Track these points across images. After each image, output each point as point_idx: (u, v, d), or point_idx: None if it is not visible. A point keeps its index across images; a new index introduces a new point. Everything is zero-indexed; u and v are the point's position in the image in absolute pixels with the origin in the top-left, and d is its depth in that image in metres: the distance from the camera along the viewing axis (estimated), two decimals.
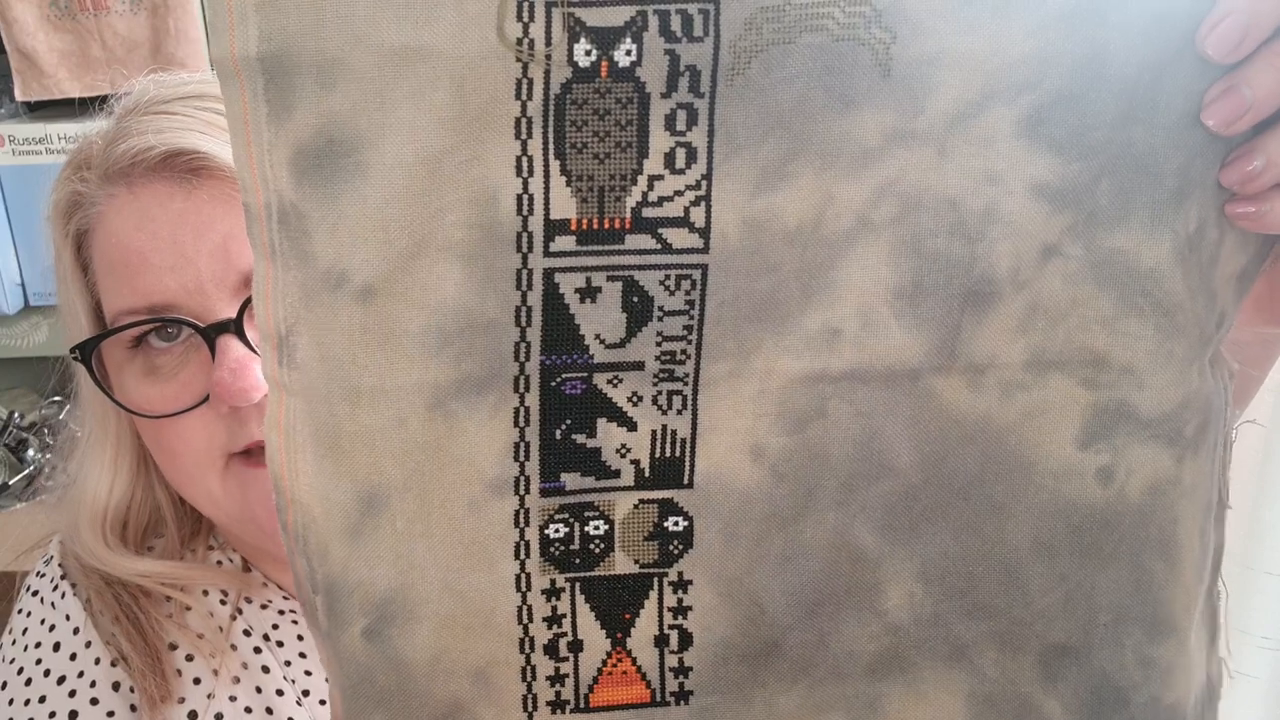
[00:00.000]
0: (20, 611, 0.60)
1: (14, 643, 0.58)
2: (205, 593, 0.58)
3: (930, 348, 0.36)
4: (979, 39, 0.33)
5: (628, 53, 0.32)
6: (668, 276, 0.35)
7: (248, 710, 0.55)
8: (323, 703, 0.57)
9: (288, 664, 0.57)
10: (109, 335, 0.54)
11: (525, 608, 0.38)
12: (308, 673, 0.58)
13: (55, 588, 0.59)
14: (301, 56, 0.32)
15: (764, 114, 0.34)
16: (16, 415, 1.42)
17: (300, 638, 0.58)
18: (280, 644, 0.58)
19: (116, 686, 0.55)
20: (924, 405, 0.37)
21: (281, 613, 0.59)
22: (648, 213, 0.34)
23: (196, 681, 0.55)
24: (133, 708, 0.54)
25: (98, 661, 0.55)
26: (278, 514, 0.36)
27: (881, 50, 0.33)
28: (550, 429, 0.36)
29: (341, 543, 0.37)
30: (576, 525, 0.38)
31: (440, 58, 0.32)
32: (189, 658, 0.56)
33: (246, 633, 0.57)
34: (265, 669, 0.56)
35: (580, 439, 0.37)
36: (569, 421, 0.37)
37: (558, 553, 0.38)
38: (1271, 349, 0.46)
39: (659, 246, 0.35)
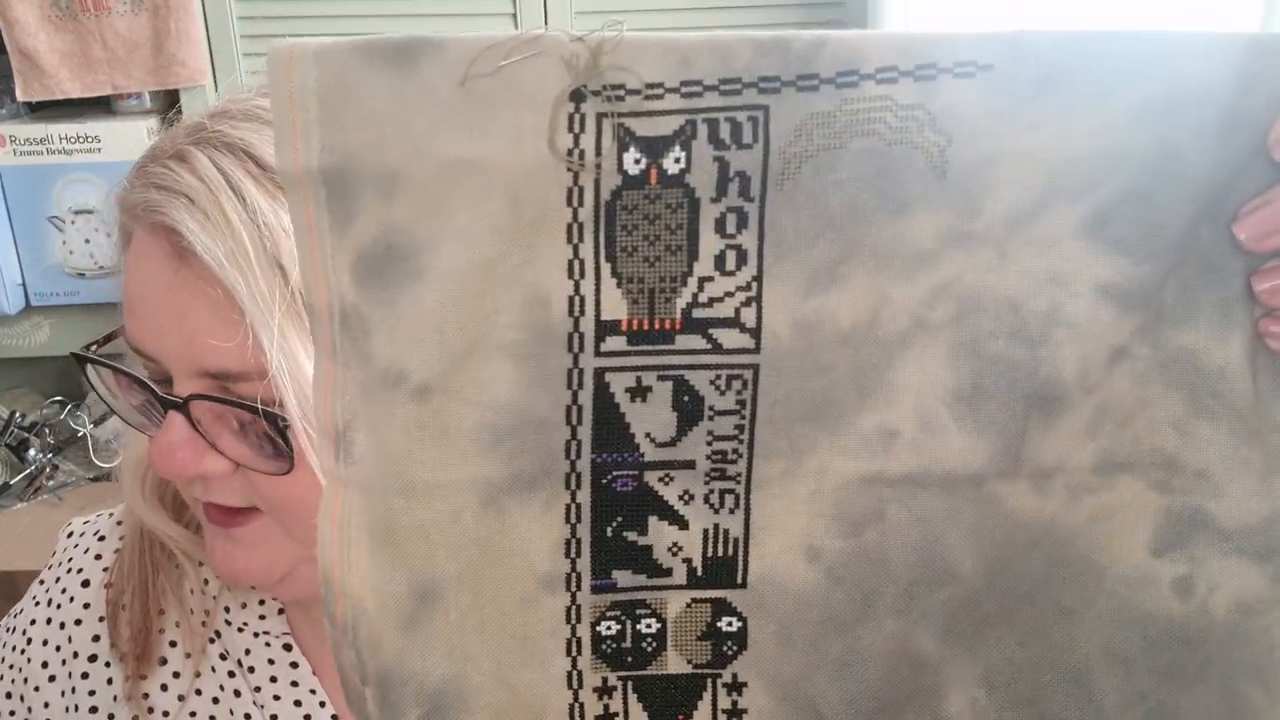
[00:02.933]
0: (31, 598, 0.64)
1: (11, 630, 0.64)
2: (206, 581, 0.61)
3: (993, 452, 0.35)
4: (1040, 138, 0.32)
5: (676, 160, 0.32)
6: (718, 376, 0.35)
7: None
8: None
9: (257, 689, 0.59)
10: (90, 361, 0.56)
11: (578, 705, 0.38)
12: (276, 697, 0.59)
13: (68, 570, 0.63)
14: (362, 169, 0.33)
15: (815, 217, 0.33)
16: (18, 415, 1.44)
17: (271, 661, 0.60)
18: (251, 669, 0.60)
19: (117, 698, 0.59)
20: (987, 511, 0.36)
21: (256, 635, 0.60)
22: (698, 313, 0.34)
23: (176, 676, 0.59)
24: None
25: (96, 640, 0.61)
26: (325, 606, 0.37)
27: (936, 154, 0.32)
28: (602, 526, 0.36)
29: (396, 634, 0.37)
30: (629, 623, 0.38)
31: (495, 169, 0.33)
32: (173, 643, 0.60)
33: (223, 656, 0.59)
34: (237, 693, 0.59)
35: (632, 536, 0.37)
36: (620, 519, 0.36)
37: (610, 650, 0.38)
38: None
39: (710, 347, 0.35)
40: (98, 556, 0.64)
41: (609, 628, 0.38)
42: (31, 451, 1.43)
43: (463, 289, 0.34)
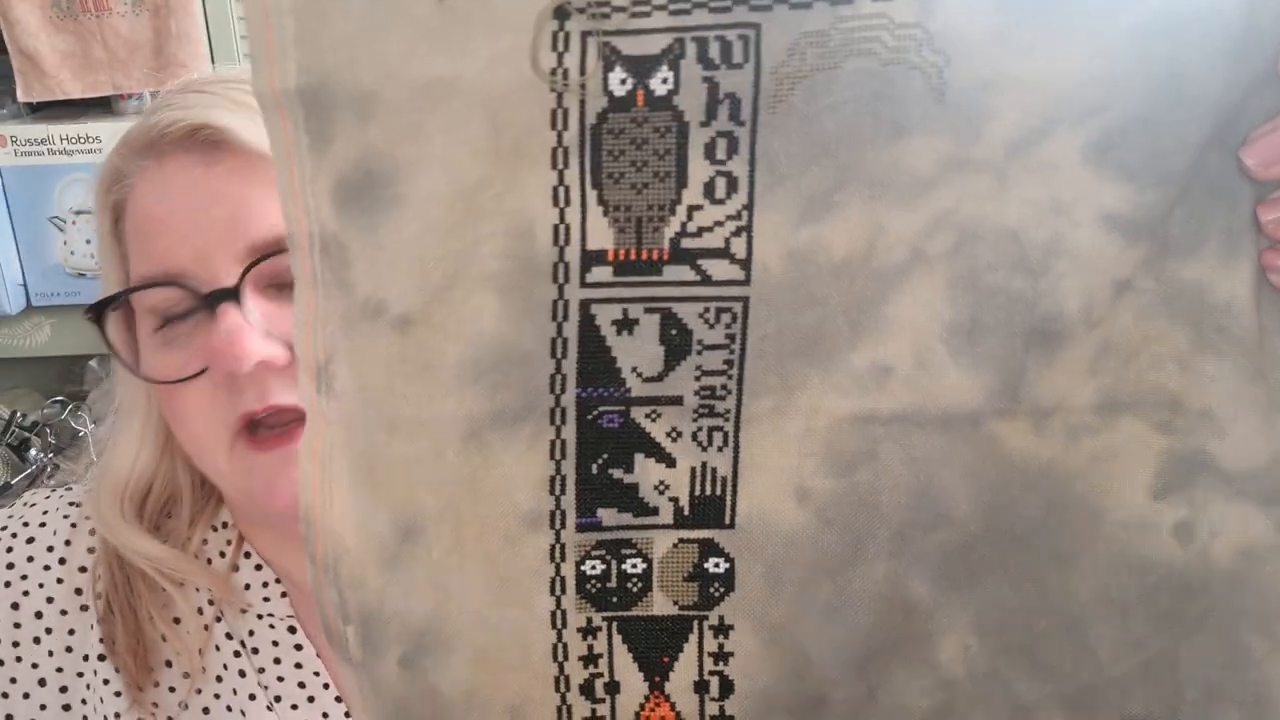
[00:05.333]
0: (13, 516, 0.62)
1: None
2: (196, 589, 0.60)
3: (991, 389, 0.34)
4: (1040, 61, 0.31)
5: (664, 81, 0.32)
6: (707, 309, 0.34)
7: (228, 709, 0.57)
8: (294, 707, 0.58)
9: (261, 670, 0.58)
10: (118, 298, 0.56)
11: (561, 645, 0.37)
12: (280, 679, 0.58)
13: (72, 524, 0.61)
14: (339, 90, 0.32)
15: (808, 142, 0.32)
16: (19, 415, 1.42)
17: (275, 643, 0.59)
18: (255, 650, 0.59)
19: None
20: (984, 451, 0.35)
21: (260, 617, 0.60)
22: (687, 243, 0.33)
23: (186, 675, 0.58)
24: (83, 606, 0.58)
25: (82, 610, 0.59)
26: (305, 545, 0.36)
27: (934, 74, 0.31)
28: (587, 463, 0.36)
29: (378, 571, 0.36)
30: (614, 562, 0.37)
31: (474, 90, 0.32)
32: (168, 663, 0.58)
33: (229, 635, 0.59)
34: (241, 673, 0.58)
35: (617, 474, 0.36)
36: (606, 456, 0.36)
37: (594, 590, 0.37)
38: None
39: (698, 278, 0.34)
40: (67, 543, 0.62)
41: (594, 567, 0.37)
42: (32, 451, 1.41)
43: (443, 217, 0.33)
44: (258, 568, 0.60)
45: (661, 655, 0.38)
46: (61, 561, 0.60)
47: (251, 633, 0.59)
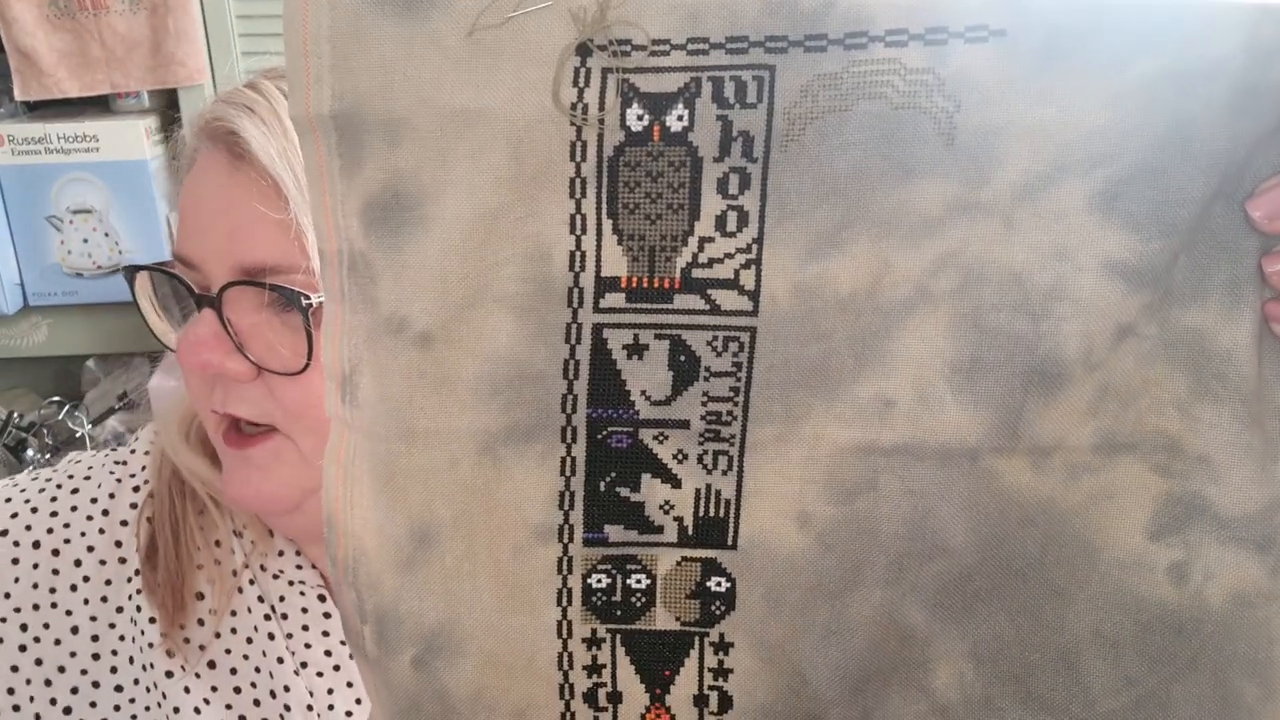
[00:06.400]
0: (55, 484, 0.63)
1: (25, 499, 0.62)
2: (234, 532, 0.62)
3: (990, 427, 0.35)
4: (1050, 109, 0.32)
5: (680, 118, 0.33)
6: (715, 337, 0.35)
7: (257, 670, 0.59)
8: (320, 675, 0.60)
9: (290, 636, 0.61)
10: (135, 271, 0.59)
11: (566, 654, 0.39)
12: (308, 645, 0.61)
13: (111, 493, 0.63)
14: (371, 115, 0.34)
15: (818, 180, 0.33)
16: (16, 415, 1.42)
17: (305, 610, 0.61)
18: (285, 616, 0.61)
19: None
20: (982, 486, 0.36)
21: (291, 584, 0.62)
22: (697, 273, 0.35)
23: (212, 612, 0.60)
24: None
25: (117, 564, 0.60)
26: (327, 546, 0.38)
27: (944, 119, 0.32)
28: (595, 480, 0.37)
29: (394, 574, 0.38)
30: (619, 577, 0.38)
31: (498, 120, 0.33)
32: (200, 595, 0.60)
33: (260, 599, 0.61)
34: (270, 636, 0.60)
35: (624, 492, 0.37)
36: (613, 474, 0.37)
37: (599, 602, 0.38)
38: None
39: (707, 308, 0.35)
40: (111, 495, 0.64)
41: (599, 580, 0.38)
42: (29, 452, 1.42)
43: (465, 239, 0.35)
44: (263, 510, 0.62)
45: (663, 668, 0.39)
46: (105, 514, 0.62)
47: (282, 598, 0.61)
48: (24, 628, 0.59)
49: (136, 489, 0.63)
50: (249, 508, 0.58)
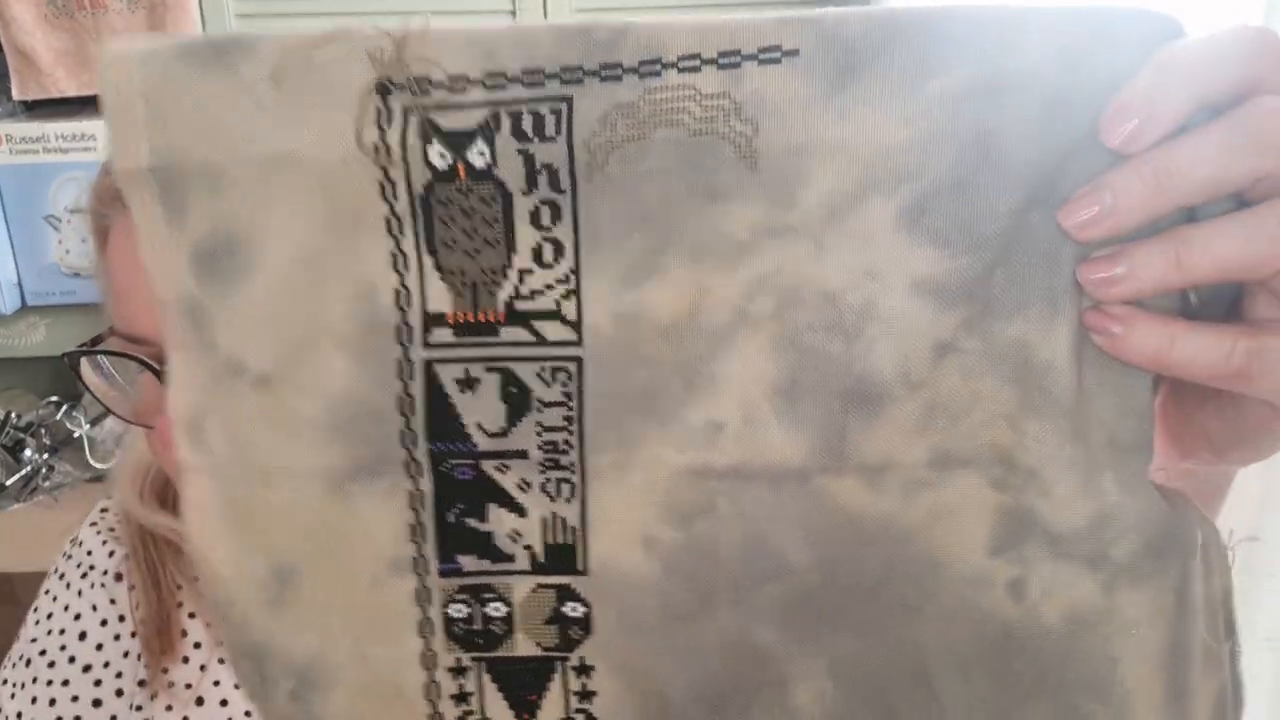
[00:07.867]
0: (47, 593, 0.66)
1: (37, 623, 0.64)
2: None
3: (814, 447, 0.35)
4: (850, 127, 0.31)
5: (481, 154, 0.33)
6: (544, 369, 0.35)
7: (236, 687, 0.59)
8: None
9: None
10: (84, 354, 0.58)
11: (434, 684, 0.39)
12: None
13: (84, 575, 0.64)
14: (190, 166, 0.34)
15: (628, 209, 0.33)
16: (14, 415, 1.44)
17: None
18: None
19: (143, 683, 0.59)
20: (814, 506, 0.35)
21: None
22: (520, 305, 0.34)
23: (197, 646, 0.60)
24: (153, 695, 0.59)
25: (125, 655, 0.60)
26: (204, 587, 0.38)
27: (744, 143, 0.32)
28: (444, 512, 0.37)
29: (262, 612, 0.38)
30: (477, 606, 0.38)
31: (310, 164, 0.33)
32: (184, 632, 0.60)
33: None
34: None
35: (473, 523, 0.37)
36: (461, 505, 0.37)
37: (460, 632, 0.39)
38: (1215, 487, 0.42)
39: (534, 339, 0.35)
40: (110, 554, 0.65)
41: (459, 610, 0.38)
42: (27, 452, 1.44)
43: (291, 282, 0.35)
44: None
45: (530, 693, 0.39)
46: (115, 638, 0.63)
47: None
48: None
49: (127, 556, 0.64)
50: None
